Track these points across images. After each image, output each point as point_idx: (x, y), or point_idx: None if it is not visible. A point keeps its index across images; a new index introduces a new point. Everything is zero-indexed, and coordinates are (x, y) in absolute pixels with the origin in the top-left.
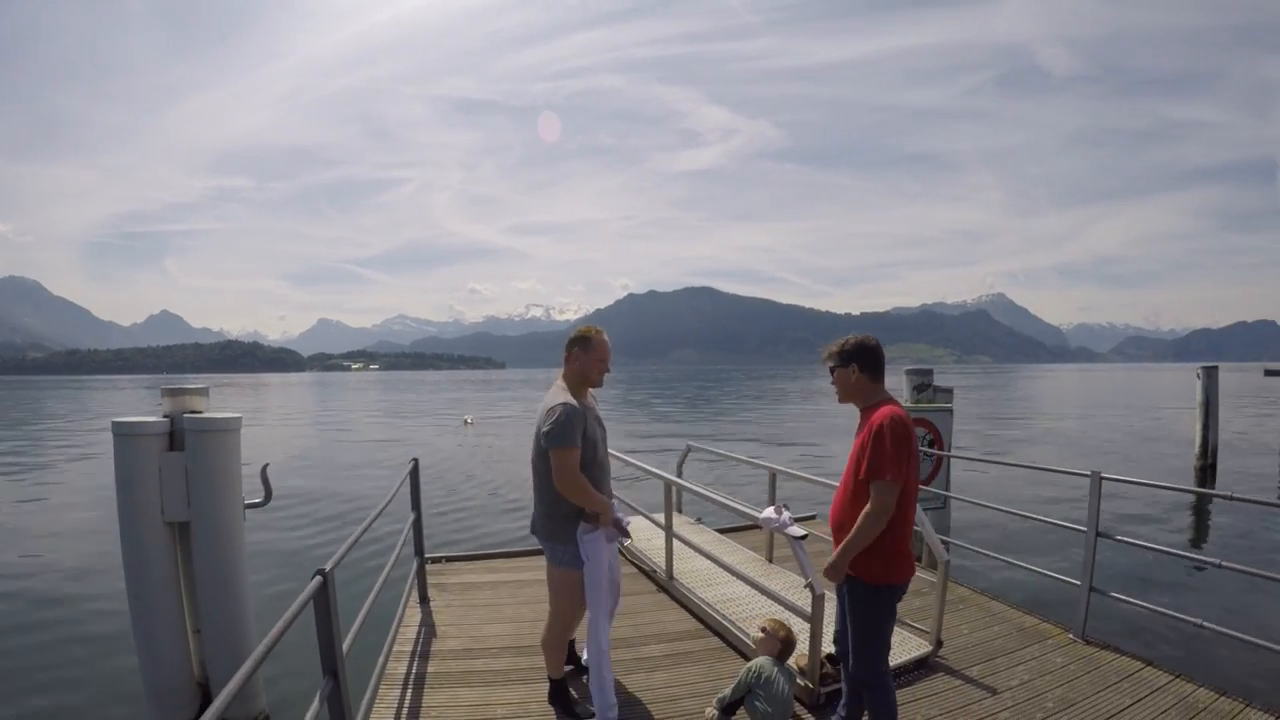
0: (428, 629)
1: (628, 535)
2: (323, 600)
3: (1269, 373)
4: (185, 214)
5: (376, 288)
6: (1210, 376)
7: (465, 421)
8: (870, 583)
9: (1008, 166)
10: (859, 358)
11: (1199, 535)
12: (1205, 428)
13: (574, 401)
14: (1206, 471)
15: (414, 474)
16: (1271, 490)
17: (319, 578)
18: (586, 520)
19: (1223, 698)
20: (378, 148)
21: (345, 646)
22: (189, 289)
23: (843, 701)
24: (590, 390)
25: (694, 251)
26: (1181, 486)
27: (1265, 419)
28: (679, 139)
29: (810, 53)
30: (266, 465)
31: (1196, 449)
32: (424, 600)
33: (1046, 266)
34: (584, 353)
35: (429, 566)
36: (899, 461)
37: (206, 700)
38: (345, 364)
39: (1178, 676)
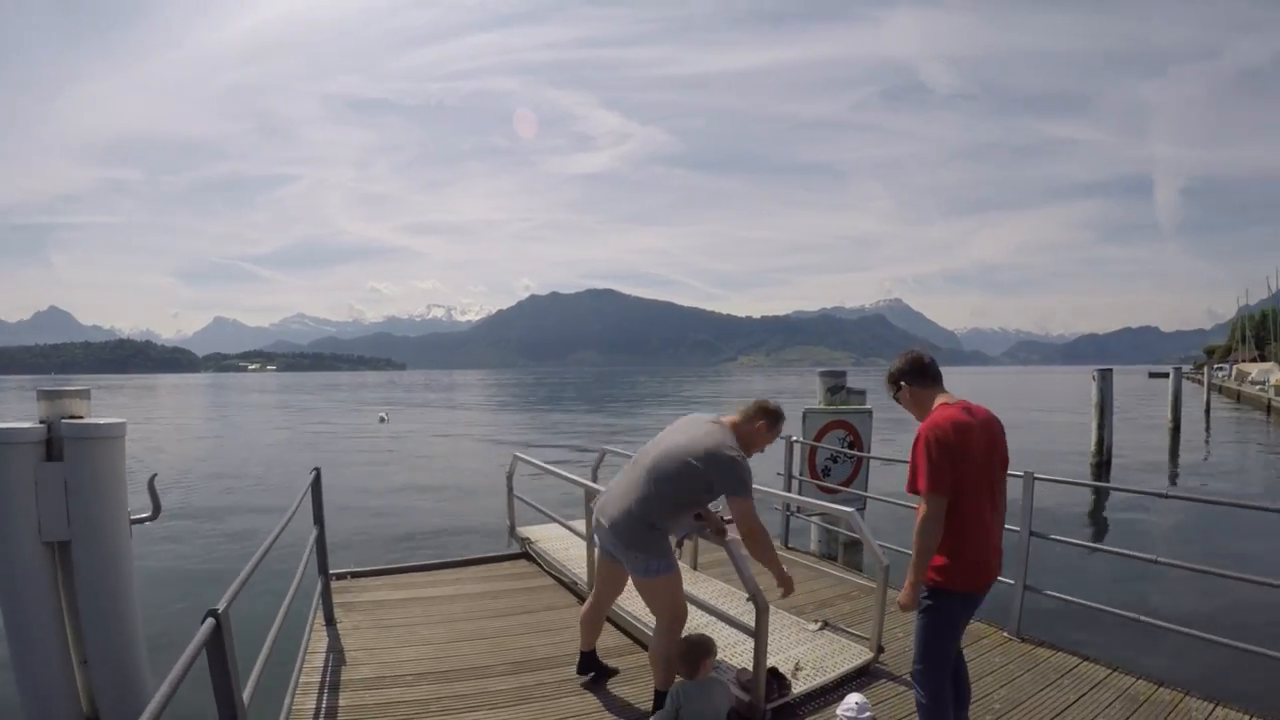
0: (336, 655)
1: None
2: (217, 646)
3: (1153, 375)
4: (72, 206)
5: (273, 285)
6: (1105, 379)
7: (380, 419)
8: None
9: (895, 177)
10: (903, 375)
11: (1102, 530)
12: (1100, 427)
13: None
14: (1102, 468)
15: (315, 485)
16: (1162, 484)
17: (211, 620)
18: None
19: (1161, 688)
20: (269, 143)
21: (248, 691)
22: (77, 284)
23: None
24: None
25: (592, 254)
26: (1113, 485)
27: (1151, 416)
28: (572, 142)
29: (701, 62)
30: (154, 476)
31: (1093, 447)
32: (330, 622)
33: (936, 273)
34: (770, 429)
35: (334, 584)
36: (937, 470)
37: None
38: (241, 364)
39: (1115, 670)
